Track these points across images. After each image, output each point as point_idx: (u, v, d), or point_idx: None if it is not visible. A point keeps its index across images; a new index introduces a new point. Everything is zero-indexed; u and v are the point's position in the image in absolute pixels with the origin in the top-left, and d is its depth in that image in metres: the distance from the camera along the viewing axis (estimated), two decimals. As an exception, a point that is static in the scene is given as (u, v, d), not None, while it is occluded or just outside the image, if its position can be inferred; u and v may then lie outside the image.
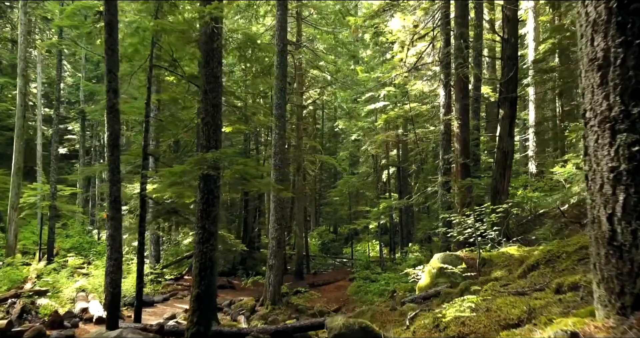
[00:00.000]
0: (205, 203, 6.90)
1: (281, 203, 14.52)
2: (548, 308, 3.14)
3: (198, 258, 6.81)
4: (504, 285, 5.02)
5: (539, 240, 9.80)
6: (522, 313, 3.24)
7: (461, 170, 12.63)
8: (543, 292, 3.91)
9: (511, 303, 3.58)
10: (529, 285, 4.51)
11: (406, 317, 6.49)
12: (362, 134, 26.71)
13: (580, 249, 5.26)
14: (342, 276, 21.79)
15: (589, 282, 3.21)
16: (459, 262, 8.42)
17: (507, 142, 12.29)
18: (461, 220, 8.65)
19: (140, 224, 9.02)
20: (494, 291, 4.69)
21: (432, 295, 7.79)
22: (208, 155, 6.50)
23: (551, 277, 4.79)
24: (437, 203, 12.94)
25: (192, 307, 6.67)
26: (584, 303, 3.01)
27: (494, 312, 3.49)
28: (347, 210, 29.04)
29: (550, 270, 5.15)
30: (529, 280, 4.90)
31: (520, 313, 3.26)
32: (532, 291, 4.14)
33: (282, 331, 8.22)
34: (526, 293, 4.09)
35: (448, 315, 4.13)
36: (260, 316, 12.87)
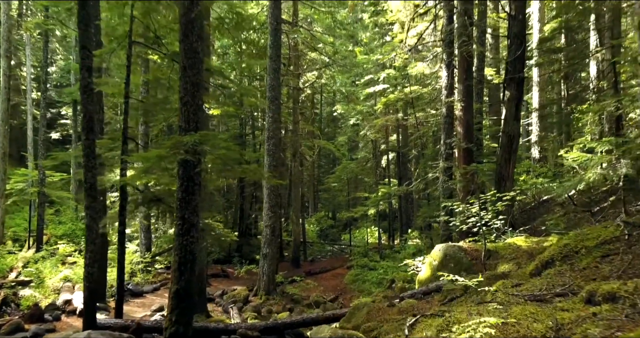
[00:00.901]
0: (185, 192, 6.27)
1: (276, 190, 13.91)
2: (581, 325, 2.54)
3: (177, 252, 6.20)
4: (515, 284, 4.42)
5: (548, 229, 9.21)
6: (547, 330, 2.64)
7: (464, 155, 11.98)
8: (567, 300, 3.31)
9: (532, 315, 2.98)
10: (547, 287, 3.91)
11: (405, 317, 5.91)
12: (361, 118, 25.96)
13: (602, 244, 4.64)
14: (339, 263, 21.31)
15: (631, 293, 2.62)
16: (462, 253, 7.84)
17: (513, 126, 11.61)
18: (465, 208, 8.04)
19: (121, 213, 8.39)
20: (506, 294, 4.09)
21: (433, 290, 7.22)
22: (185, 139, 5.84)
23: (571, 276, 4.19)
24: (438, 190, 12.33)
25: (171, 304, 6.09)
26: (630, 321, 2.41)
27: (511, 327, 2.88)
28: (346, 196, 28.46)
29: (568, 268, 4.55)
30: (545, 280, 4.30)
31: (545, 329, 2.66)
32: (553, 296, 3.54)
33: (272, 327, 7.68)
34: (546, 299, 3.49)
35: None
36: (253, 307, 12.36)
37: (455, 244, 8.10)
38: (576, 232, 5.42)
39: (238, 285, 16.12)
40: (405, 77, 21.45)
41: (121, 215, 8.43)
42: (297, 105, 21.12)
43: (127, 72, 8.75)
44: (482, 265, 7.42)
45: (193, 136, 5.90)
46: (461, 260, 7.69)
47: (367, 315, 6.66)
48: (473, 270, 7.54)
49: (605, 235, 4.78)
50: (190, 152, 5.98)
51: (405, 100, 20.41)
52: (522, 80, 11.87)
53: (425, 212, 17.18)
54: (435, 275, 7.94)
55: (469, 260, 7.70)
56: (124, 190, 8.43)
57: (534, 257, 6.90)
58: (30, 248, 19.37)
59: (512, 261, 7.00)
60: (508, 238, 8.53)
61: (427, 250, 16.77)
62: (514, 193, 7.88)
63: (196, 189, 6.37)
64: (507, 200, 7.99)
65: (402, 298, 7.22)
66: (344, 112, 29.81)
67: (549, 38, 15.89)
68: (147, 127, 16.54)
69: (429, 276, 8.07)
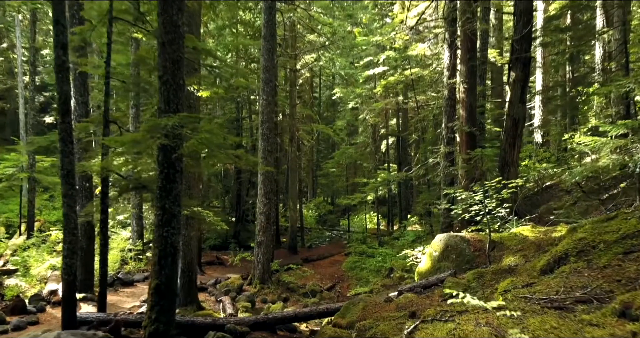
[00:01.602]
0: (165, 179, 5.76)
1: (270, 176, 13.41)
2: (619, 349, 2.09)
3: (157, 244, 5.73)
4: (527, 284, 3.94)
5: (557, 218, 8.73)
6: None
7: (466, 139, 11.46)
8: (592, 308, 2.84)
9: (554, 331, 2.50)
10: (564, 290, 3.43)
11: (403, 314, 5.47)
12: (360, 102, 25.33)
13: (623, 239, 4.16)
14: (337, 250, 20.94)
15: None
16: (465, 244, 7.37)
17: (518, 109, 11.05)
18: (468, 195, 7.54)
19: (102, 201, 7.91)
20: (517, 297, 3.61)
21: (433, 283, 6.78)
22: (162, 121, 5.31)
23: (590, 276, 3.71)
24: (439, 176, 11.84)
25: (151, 301, 5.64)
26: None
27: (530, 345, 2.42)
28: (344, 182, 28.00)
29: (585, 266, 4.07)
30: (561, 279, 3.82)
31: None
32: (574, 302, 3.06)
33: (262, 322, 7.25)
34: (566, 306, 3.01)
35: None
36: (246, 297, 11.97)
37: (458, 234, 7.63)
38: (592, 224, 4.93)
39: (233, 273, 15.75)
40: (405, 59, 20.78)
41: (103, 203, 7.94)
42: (294, 88, 20.49)
43: (108, 51, 8.16)
44: (486, 257, 6.96)
45: (172, 118, 5.37)
46: (463, 252, 7.24)
47: (362, 311, 6.22)
48: (476, 263, 7.09)
49: (627, 228, 4.29)
50: (169, 136, 5.45)
51: (405, 82, 19.79)
52: (529, 60, 11.27)
53: (425, 198, 16.72)
54: (436, 267, 7.50)
55: (472, 251, 7.24)
56: (106, 177, 7.93)
57: (543, 248, 6.44)
58: (21, 234, 18.98)
59: (519, 253, 6.53)
60: (513, 228, 8.06)
61: (426, 236, 16.37)
62: (521, 181, 7.38)
63: (178, 177, 5.87)
64: (512, 188, 7.49)
65: (400, 292, 6.77)
66: (343, 96, 29.17)
67: (557, 16, 15.19)
68: (138, 110, 15.96)
69: (429, 268, 7.63)
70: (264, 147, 13.15)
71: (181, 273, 10.27)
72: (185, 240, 10.24)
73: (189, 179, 10.24)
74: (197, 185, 10.84)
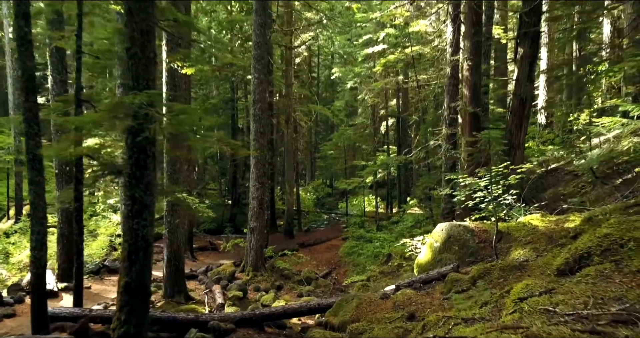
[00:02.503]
0: (135, 165, 5.12)
1: (263, 159, 12.77)
2: None
3: (127, 238, 5.13)
4: (546, 291, 3.35)
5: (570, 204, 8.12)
6: None
7: (470, 120, 10.78)
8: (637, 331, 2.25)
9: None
10: (594, 302, 2.84)
11: (401, 316, 4.91)
12: (359, 82, 24.49)
13: (658, 236, 3.54)
14: (335, 234, 20.44)
15: None
16: (468, 235, 6.78)
17: (526, 87, 10.37)
18: (473, 181, 6.92)
19: (76, 187, 7.30)
20: (534, 309, 3.02)
21: (434, 278, 6.21)
22: (127, 99, 4.65)
23: (623, 283, 3.11)
24: (441, 160, 11.20)
25: (120, 300, 5.08)
26: None
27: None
28: (343, 164, 27.35)
29: (613, 268, 3.48)
30: (586, 286, 3.22)
31: None
32: (611, 322, 2.47)
33: (248, 319, 6.71)
34: (602, 327, 2.42)
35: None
36: (238, 285, 11.45)
37: (461, 224, 7.03)
38: (618, 219, 4.31)
39: (226, 259, 15.26)
40: (405, 37, 19.91)
41: (76, 189, 7.33)
42: (290, 66, 19.66)
43: (79, 23, 7.45)
44: (491, 249, 6.38)
45: (138, 96, 4.70)
46: (467, 243, 6.66)
47: (356, 310, 5.67)
48: (481, 255, 6.52)
49: (661, 224, 3.68)
50: (136, 116, 4.80)
51: (405, 61, 18.97)
52: (538, 35, 10.54)
53: (426, 182, 16.11)
54: (437, 258, 6.93)
55: (476, 242, 6.66)
56: (79, 161, 7.30)
57: (555, 241, 5.86)
58: (9, 219, 18.47)
59: (528, 246, 5.95)
60: (520, 217, 7.47)
61: (426, 221, 15.82)
62: (530, 165, 6.73)
63: (149, 162, 5.22)
64: (521, 173, 6.86)
65: (397, 288, 6.21)
66: (342, 75, 28.29)
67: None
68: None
69: (430, 260, 7.06)
70: (256, 129, 12.47)
71: (167, 262, 9.74)
72: (171, 227, 9.68)
73: (175, 163, 9.61)
74: (183, 169, 10.22)
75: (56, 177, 10.80)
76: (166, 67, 9.39)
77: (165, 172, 9.72)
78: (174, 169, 9.57)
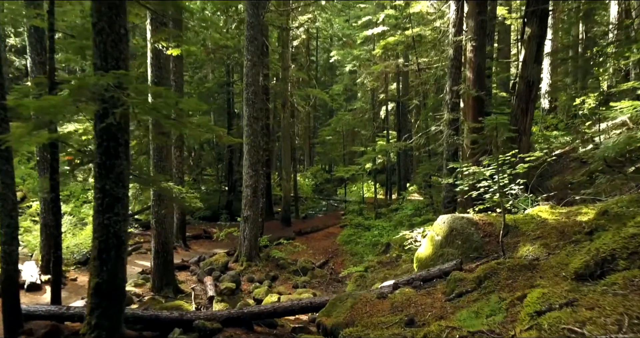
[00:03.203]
0: (105, 154, 4.62)
1: (257, 145, 12.24)
2: None
3: (97, 235, 4.66)
4: (567, 303, 2.88)
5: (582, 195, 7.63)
6: None
7: (473, 105, 10.24)
8: None
9: None
10: (630, 322, 2.37)
11: (400, 320, 4.45)
12: (358, 65, 23.81)
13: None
14: (333, 221, 20.03)
15: None
16: (472, 228, 6.31)
17: (533, 69, 9.80)
18: (477, 170, 6.41)
19: (52, 176, 6.80)
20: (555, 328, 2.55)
21: (435, 275, 5.75)
22: (91, 80, 4.12)
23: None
24: (442, 146, 10.68)
25: (91, 303, 4.63)
26: None
27: None
28: (342, 150, 26.82)
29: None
30: (615, 299, 2.75)
31: None
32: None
33: (236, 318, 6.28)
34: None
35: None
36: (231, 276, 11.03)
37: (464, 216, 6.55)
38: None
39: (220, 248, 14.85)
40: (406, 18, 19.19)
41: (52, 178, 6.83)
42: (287, 49, 18.98)
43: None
44: (497, 244, 5.90)
45: (104, 77, 4.16)
46: (471, 237, 6.18)
47: (350, 311, 5.22)
48: (485, 251, 6.05)
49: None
50: (103, 100, 4.27)
51: (406, 43, 18.28)
52: (546, 14, 9.93)
53: (426, 169, 15.61)
54: (438, 253, 6.47)
55: (481, 237, 6.19)
56: (53, 149, 6.79)
57: (568, 236, 5.38)
58: None
59: (538, 241, 5.47)
60: (528, 208, 6.99)
61: (426, 209, 15.37)
62: (541, 154, 6.22)
63: (121, 151, 4.72)
64: (529, 162, 6.34)
65: (396, 286, 5.76)
66: (341, 58, 27.56)
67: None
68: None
69: (430, 254, 6.60)
70: (249, 114, 11.93)
71: (155, 254, 9.31)
72: (159, 217, 9.22)
73: (161, 150, 9.10)
74: (170, 156, 9.72)
75: (38, 164, 10.31)
76: (151, 47, 8.80)
77: (151, 160, 9.22)
78: (160, 156, 9.07)
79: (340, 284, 11.85)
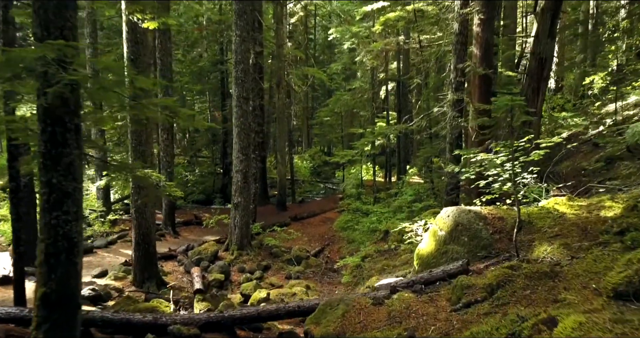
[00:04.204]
0: (50, 142, 3.89)
1: (247, 127, 11.47)
2: None
3: (44, 236, 3.96)
4: None
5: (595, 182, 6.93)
6: None
7: (480, 84, 9.44)
8: None
9: None
10: None
11: (398, 334, 3.81)
12: (357, 43, 22.79)
13: None
14: (330, 206, 19.40)
15: None
16: (481, 223, 5.62)
17: (546, 45, 8.98)
18: (487, 157, 5.69)
19: (10, 165, 6.09)
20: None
21: (439, 277, 5.09)
22: (25, 54, 3.35)
23: None
24: (446, 129, 9.93)
25: (38, 316, 3.97)
26: None
27: None
28: (340, 132, 25.97)
29: None
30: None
31: None
32: None
33: (216, 322, 5.65)
34: None
35: None
36: (220, 267, 10.44)
37: (471, 209, 5.85)
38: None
39: (212, 234, 14.24)
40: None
41: (10, 166, 6.12)
42: (282, 25, 18.02)
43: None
44: (509, 241, 5.23)
45: (42, 48, 3.40)
46: (479, 234, 5.50)
47: (342, 319, 4.57)
48: (496, 249, 5.37)
49: None
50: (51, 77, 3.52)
51: (407, 19, 17.31)
52: (562, -16, 9.05)
53: (427, 152, 14.87)
54: (441, 250, 5.80)
55: (490, 233, 5.50)
56: (11, 134, 6.04)
57: (591, 235, 4.70)
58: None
59: (557, 240, 4.79)
60: (542, 199, 6.29)
61: (427, 194, 14.69)
62: (560, 139, 5.46)
63: (70, 138, 3.98)
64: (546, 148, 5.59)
65: (394, 289, 5.10)
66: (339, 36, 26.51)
67: None
68: (97, 52, 13.75)
69: (433, 251, 5.92)
70: (238, 93, 11.14)
71: (135, 246, 8.66)
72: (138, 207, 8.53)
73: (140, 134, 8.35)
74: (151, 140, 8.98)
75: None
76: (125, 19, 7.97)
77: (129, 144, 8.48)
78: (139, 140, 8.33)
79: (336, 274, 11.26)
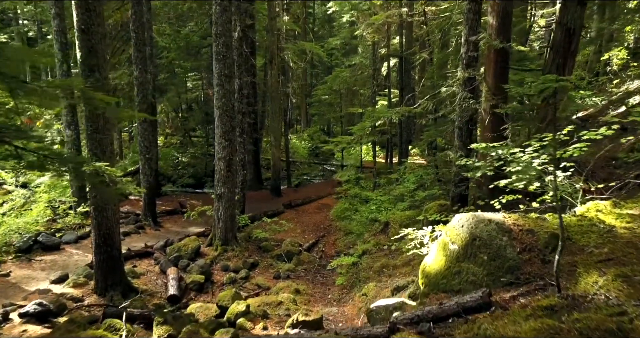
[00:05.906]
0: None
1: (230, 109, 10.20)
2: None
3: None
4: None
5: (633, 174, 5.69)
6: None
7: (496, 59, 8.11)
8: None
9: None
10: None
11: None
12: (357, 15, 21.23)
13: None
14: (327, 191, 18.29)
15: None
16: (504, 238, 4.42)
17: (575, 13, 7.63)
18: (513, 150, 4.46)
19: None
20: None
21: (452, 311, 3.91)
22: None
23: None
24: (455, 112, 8.64)
25: None
26: None
27: None
28: (339, 111, 24.59)
29: None
30: None
31: None
32: None
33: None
34: None
35: None
36: (200, 267, 9.35)
37: (492, 219, 4.63)
38: None
39: (196, 226, 13.14)
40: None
41: None
42: (273, -5, 16.50)
43: None
44: (541, 263, 4.05)
45: None
46: (502, 252, 4.31)
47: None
48: (525, 274, 4.17)
49: None
50: None
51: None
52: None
53: (431, 135, 13.60)
54: (453, 269, 4.63)
55: (517, 252, 4.30)
56: None
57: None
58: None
59: (611, 267, 3.60)
60: (578, 204, 5.09)
61: (431, 183, 13.48)
62: (612, 131, 4.20)
63: None
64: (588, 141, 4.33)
65: (394, 328, 3.95)
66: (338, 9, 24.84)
67: None
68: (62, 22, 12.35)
69: (443, 268, 4.75)
70: (219, 71, 9.83)
71: (96, 249, 7.53)
72: (97, 204, 7.36)
73: (97, 119, 7.09)
74: (111, 126, 7.73)
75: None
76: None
77: (85, 132, 7.25)
78: (96, 126, 7.08)
79: (331, 273, 10.19)
